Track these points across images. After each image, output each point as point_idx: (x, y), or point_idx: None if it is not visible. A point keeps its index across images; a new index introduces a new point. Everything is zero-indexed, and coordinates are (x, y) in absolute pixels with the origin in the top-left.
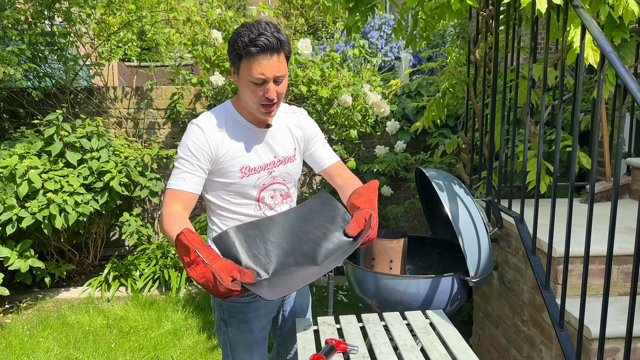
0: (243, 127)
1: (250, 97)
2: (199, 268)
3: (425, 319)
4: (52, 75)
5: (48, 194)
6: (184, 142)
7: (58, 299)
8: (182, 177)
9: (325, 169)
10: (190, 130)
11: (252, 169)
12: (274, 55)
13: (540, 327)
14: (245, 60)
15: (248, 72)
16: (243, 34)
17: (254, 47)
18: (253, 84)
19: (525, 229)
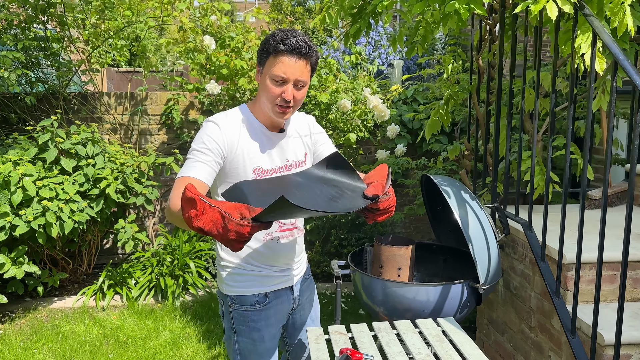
0: (257, 130)
1: (268, 95)
2: (206, 215)
3: (437, 327)
4: (45, 80)
5: (43, 201)
6: (198, 136)
7: (51, 309)
8: (194, 166)
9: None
10: (206, 126)
11: (265, 171)
12: (300, 60)
13: (548, 334)
14: (272, 57)
15: (271, 68)
16: (276, 34)
17: (283, 45)
18: (273, 81)
19: (534, 236)
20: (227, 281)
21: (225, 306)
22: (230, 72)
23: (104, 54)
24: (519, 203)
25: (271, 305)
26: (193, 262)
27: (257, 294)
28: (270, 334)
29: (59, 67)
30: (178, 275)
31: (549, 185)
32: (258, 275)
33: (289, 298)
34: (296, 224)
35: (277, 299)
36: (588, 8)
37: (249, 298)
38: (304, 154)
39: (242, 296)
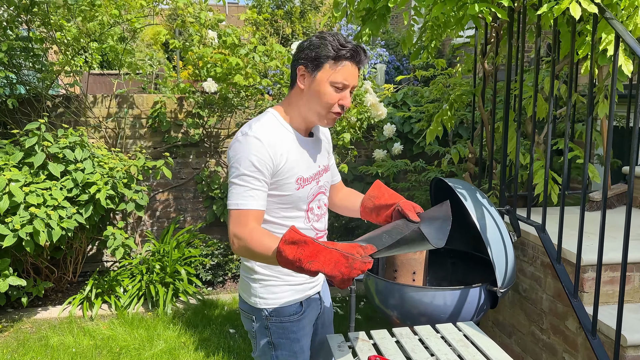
0: (292, 136)
1: (324, 101)
2: (322, 256)
3: (458, 332)
4: (28, 82)
5: (30, 208)
6: (244, 157)
7: (36, 319)
8: (251, 195)
9: (334, 184)
10: (249, 143)
11: (306, 179)
12: (357, 67)
13: (562, 335)
14: (332, 62)
15: (332, 74)
16: (332, 39)
17: (346, 51)
18: (334, 87)
19: (548, 238)
20: (262, 294)
21: (260, 320)
22: (224, 71)
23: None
24: (530, 205)
25: (306, 314)
26: (184, 269)
27: (294, 303)
28: (307, 344)
29: (42, 68)
30: (168, 282)
31: (565, 187)
32: (294, 284)
33: (317, 304)
34: (325, 229)
35: (309, 306)
36: (609, 11)
37: (287, 309)
38: (327, 158)
39: (281, 308)
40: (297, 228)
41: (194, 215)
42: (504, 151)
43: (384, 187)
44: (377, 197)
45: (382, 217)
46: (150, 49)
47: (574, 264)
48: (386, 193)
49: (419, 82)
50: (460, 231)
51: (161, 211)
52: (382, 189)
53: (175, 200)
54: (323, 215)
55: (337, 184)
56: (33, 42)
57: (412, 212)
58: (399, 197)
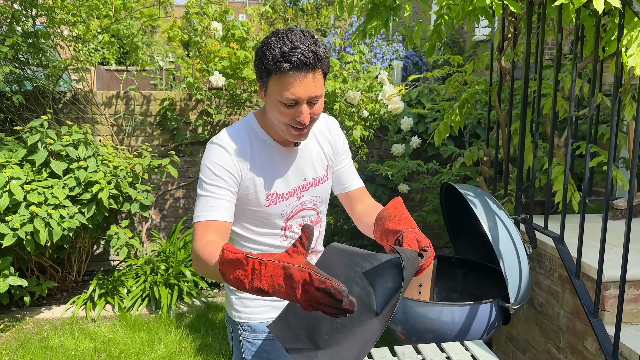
0: (269, 147)
1: (278, 118)
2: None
3: (465, 352)
4: (33, 78)
5: (31, 207)
6: (206, 165)
7: (39, 319)
8: (212, 205)
9: (347, 192)
10: (212, 150)
11: (280, 195)
12: (309, 74)
13: (581, 356)
14: (275, 77)
15: (277, 91)
16: (274, 46)
17: (286, 63)
18: (283, 104)
19: (566, 250)
20: (237, 307)
21: (235, 334)
22: (232, 65)
23: (94, 52)
24: (548, 214)
25: None
26: (189, 270)
27: (270, 320)
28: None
29: (48, 64)
30: (173, 284)
31: (586, 195)
32: (273, 300)
33: None
34: (316, 247)
35: None
36: (637, 4)
37: (261, 326)
38: (325, 167)
39: (255, 324)
40: (231, 245)
41: None
42: (521, 154)
43: (400, 207)
44: (388, 219)
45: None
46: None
47: (594, 279)
48: (399, 215)
49: (438, 79)
50: (473, 241)
51: (168, 210)
52: (397, 210)
53: (182, 199)
54: None
55: (353, 192)
56: (39, 37)
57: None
58: (408, 224)
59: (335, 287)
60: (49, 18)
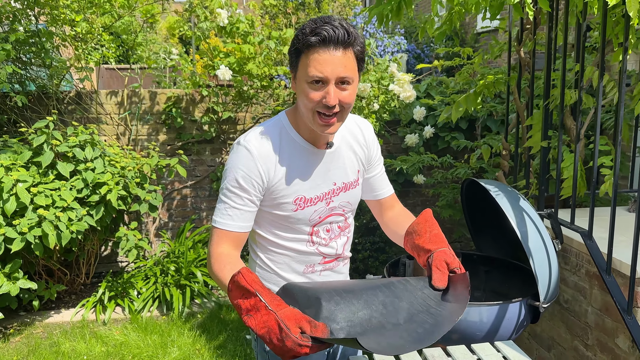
0: (299, 148)
1: (304, 102)
2: (260, 315)
3: (497, 353)
4: (36, 78)
5: (39, 210)
6: (230, 169)
7: (48, 323)
8: (229, 215)
9: (379, 199)
10: (237, 153)
11: (308, 199)
12: (339, 50)
13: (612, 354)
14: (304, 55)
15: (305, 70)
16: (306, 26)
17: (314, 36)
18: (309, 84)
19: (595, 246)
20: None
21: (260, 341)
22: (238, 61)
23: (93, 51)
24: (574, 209)
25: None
26: (200, 271)
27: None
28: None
29: (51, 64)
30: (184, 285)
31: (616, 189)
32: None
33: None
34: (343, 253)
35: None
36: None
37: None
38: (356, 171)
39: None
40: (249, 270)
41: (210, 214)
42: (543, 147)
43: (430, 221)
44: (418, 234)
45: (421, 261)
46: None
47: (625, 275)
48: (429, 232)
49: (441, 72)
50: (495, 237)
51: (176, 210)
52: (427, 224)
53: (190, 199)
54: (335, 239)
55: (385, 199)
56: (41, 36)
57: (440, 273)
58: (439, 242)
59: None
60: (51, 17)
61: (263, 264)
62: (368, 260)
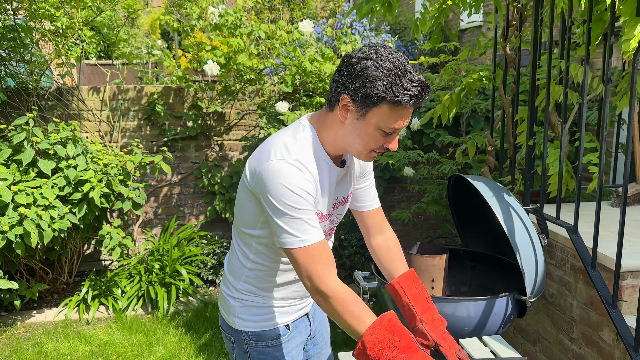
0: (325, 165)
1: (367, 143)
2: (418, 356)
3: (484, 347)
4: (17, 74)
5: (20, 208)
6: (287, 189)
7: (30, 324)
8: (314, 226)
9: (362, 211)
10: (290, 173)
11: (324, 216)
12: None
13: (597, 347)
14: (388, 106)
15: (384, 120)
16: (393, 77)
17: (409, 98)
18: (382, 132)
19: (581, 241)
20: (242, 315)
21: (239, 343)
22: (225, 55)
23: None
24: (560, 204)
25: (292, 337)
26: (184, 269)
27: (278, 326)
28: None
29: (31, 59)
30: (169, 283)
31: (601, 185)
32: (280, 306)
33: (306, 326)
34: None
35: (296, 329)
36: None
37: (270, 333)
38: (351, 186)
39: (262, 331)
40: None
41: (194, 212)
42: (528, 143)
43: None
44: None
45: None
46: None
47: (610, 269)
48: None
49: (425, 69)
50: (480, 232)
51: (160, 207)
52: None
53: (174, 196)
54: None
55: (372, 214)
56: (20, 31)
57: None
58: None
59: None
60: (29, 11)
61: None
62: (354, 257)
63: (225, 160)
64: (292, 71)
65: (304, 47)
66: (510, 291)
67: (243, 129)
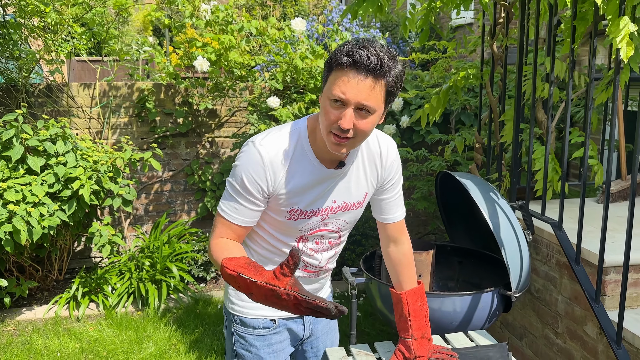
0: (308, 164)
1: (323, 119)
2: (258, 291)
3: (470, 342)
4: (6, 71)
5: (9, 205)
6: (239, 169)
7: (20, 321)
8: (235, 208)
9: (385, 223)
10: (249, 156)
11: (303, 212)
12: (368, 78)
13: (581, 341)
14: (334, 72)
15: (330, 86)
16: (345, 44)
17: (347, 57)
18: (330, 102)
19: (565, 237)
20: (232, 298)
21: (228, 324)
22: (216, 51)
23: (64, 43)
24: (545, 200)
25: (278, 332)
26: (175, 266)
27: (263, 317)
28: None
29: (20, 56)
30: (159, 280)
31: (585, 181)
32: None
33: (299, 327)
34: (326, 266)
35: (285, 327)
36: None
37: (254, 321)
38: (363, 194)
39: (246, 318)
40: (231, 257)
41: (185, 208)
42: (515, 140)
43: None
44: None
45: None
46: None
47: (593, 264)
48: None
49: (417, 66)
50: (467, 228)
51: (151, 204)
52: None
53: (165, 193)
54: (322, 252)
55: (394, 227)
56: (9, 27)
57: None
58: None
59: (321, 305)
60: (19, 7)
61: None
62: (345, 253)
63: (216, 157)
64: (283, 68)
65: (295, 44)
66: (496, 286)
67: (234, 126)
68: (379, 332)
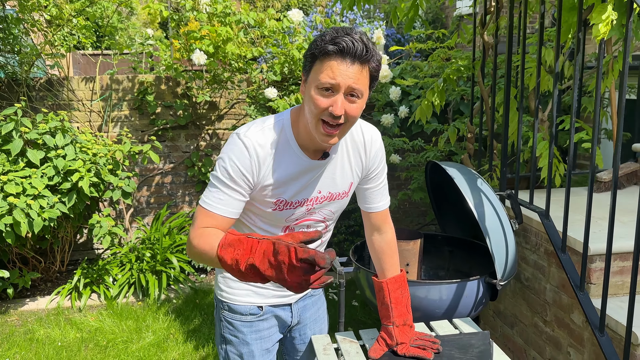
0: (292, 155)
1: (311, 108)
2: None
3: (454, 329)
4: (7, 65)
5: (9, 198)
6: (224, 159)
7: (23, 311)
8: (220, 199)
9: (369, 212)
10: (234, 146)
11: (288, 203)
12: (355, 64)
13: (567, 329)
14: (319, 61)
15: (317, 75)
16: (326, 34)
17: (333, 45)
18: (319, 90)
19: (552, 225)
20: (221, 285)
21: (218, 310)
22: (214, 44)
23: (69, 36)
24: (533, 189)
25: (265, 318)
26: (175, 257)
27: (250, 304)
28: (261, 349)
29: (20, 50)
30: (160, 270)
31: (570, 170)
32: (255, 285)
33: (286, 314)
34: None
35: (272, 314)
36: None
37: (241, 308)
38: (348, 184)
39: (233, 305)
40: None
41: (186, 200)
42: (505, 129)
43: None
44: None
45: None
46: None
47: (579, 253)
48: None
49: (421, 56)
50: (459, 218)
51: (152, 197)
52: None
53: (166, 185)
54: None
55: (378, 216)
56: (9, 22)
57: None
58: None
59: (320, 255)
60: (19, 2)
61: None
62: (343, 244)
63: (216, 149)
64: (281, 60)
65: (292, 35)
66: (485, 275)
67: (233, 118)
68: (375, 321)
